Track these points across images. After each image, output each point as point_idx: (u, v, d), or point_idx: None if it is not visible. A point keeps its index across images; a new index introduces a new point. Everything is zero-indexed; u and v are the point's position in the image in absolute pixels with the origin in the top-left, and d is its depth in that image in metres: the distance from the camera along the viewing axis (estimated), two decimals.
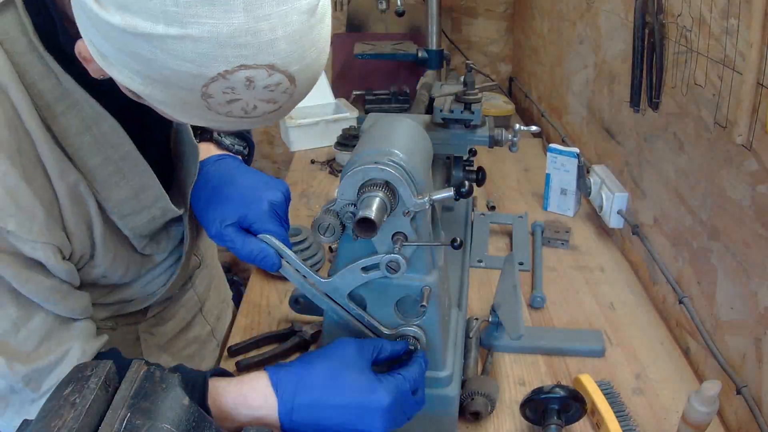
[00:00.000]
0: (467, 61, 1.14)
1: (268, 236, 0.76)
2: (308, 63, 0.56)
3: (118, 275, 0.80)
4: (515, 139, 1.10)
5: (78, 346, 0.71)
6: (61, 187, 0.67)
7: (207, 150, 0.92)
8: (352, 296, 0.76)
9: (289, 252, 0.76)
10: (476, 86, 1.12)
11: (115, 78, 0.57)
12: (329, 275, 0.76)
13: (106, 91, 0.65)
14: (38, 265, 0.67)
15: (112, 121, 0.71)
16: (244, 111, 0.57)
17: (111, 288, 0.84)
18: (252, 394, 0.69)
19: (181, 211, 0.84)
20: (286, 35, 0.53)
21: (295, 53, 0.54)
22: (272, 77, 0.54)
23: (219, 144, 0.95)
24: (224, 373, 0.73)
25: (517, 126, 1.09)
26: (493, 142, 1.11)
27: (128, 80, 0.55)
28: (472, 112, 1.09)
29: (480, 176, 1.17)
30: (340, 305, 0.76)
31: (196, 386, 0.67)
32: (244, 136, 0.99)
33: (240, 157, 0.95)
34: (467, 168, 1.18)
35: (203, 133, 0.95)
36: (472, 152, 1.21)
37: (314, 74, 0.59)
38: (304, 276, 0.77)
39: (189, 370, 0.69)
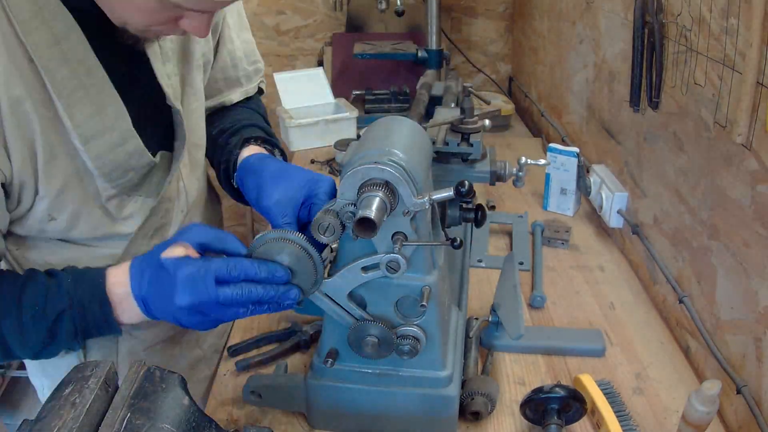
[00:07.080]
0: (465, 85, 1.01)
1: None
2: None
3: (67, 220, 0.81)
4: (521, 173, 0.98)
5: None
6: (3, 96, 0.68)
7: (252, 150, 0.96)
8: (352, 296, 0.76)
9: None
10: (475, 113, 0.98)
11: None
12: (329, 275, 0.76)
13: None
14: None
15: (80, 36, 0.73)
16: None
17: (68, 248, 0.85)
18: (119, 273, 0.74)
19: (152, 158, 0.85)
20: None
21: None
22: None
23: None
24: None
25: (523, 159, 0.97)
26: (496, 178, 0.98)
27: None
28: (471, 145, 0.96)
29: (479, 216, 0.90)
30: (340, 305, 0.76)
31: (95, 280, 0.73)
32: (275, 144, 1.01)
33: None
34: (464, 207, 0.90)
35: (247, 140, 0.97)
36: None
37: None
38: None
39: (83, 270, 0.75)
